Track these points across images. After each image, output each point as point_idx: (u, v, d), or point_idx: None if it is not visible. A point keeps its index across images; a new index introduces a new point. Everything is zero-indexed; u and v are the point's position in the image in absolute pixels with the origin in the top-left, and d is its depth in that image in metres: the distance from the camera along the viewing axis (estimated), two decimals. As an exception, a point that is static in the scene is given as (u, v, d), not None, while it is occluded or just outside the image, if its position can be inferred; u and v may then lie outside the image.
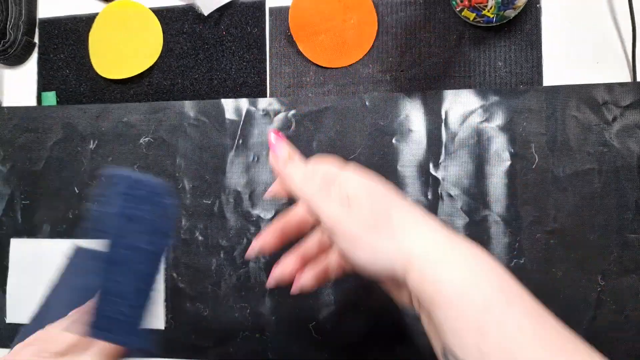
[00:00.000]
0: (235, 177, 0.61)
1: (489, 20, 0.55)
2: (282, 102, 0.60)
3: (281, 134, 0.42)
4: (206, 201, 0.61)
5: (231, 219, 0.60)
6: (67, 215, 0.64)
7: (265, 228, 0.45)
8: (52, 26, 0.68)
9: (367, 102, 0.59)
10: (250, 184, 0.61)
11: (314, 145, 0.59)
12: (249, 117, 0.61)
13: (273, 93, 0.62)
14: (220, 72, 0.64)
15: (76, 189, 0.64)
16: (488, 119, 0.56)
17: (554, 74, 0.57)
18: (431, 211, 0.57)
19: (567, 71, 0.57)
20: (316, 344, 0.57)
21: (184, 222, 0.61)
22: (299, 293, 0.40)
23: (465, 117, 0.57)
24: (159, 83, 0.65)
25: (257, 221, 0.60)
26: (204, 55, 0.64)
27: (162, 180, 0.43)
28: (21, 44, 0.66)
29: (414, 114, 0.58)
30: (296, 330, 0.58)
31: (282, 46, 0.63)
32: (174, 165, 0.62)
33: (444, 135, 0.57)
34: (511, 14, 0.55)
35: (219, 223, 0.61)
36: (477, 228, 0.56)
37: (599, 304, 0.53)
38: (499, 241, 0.55)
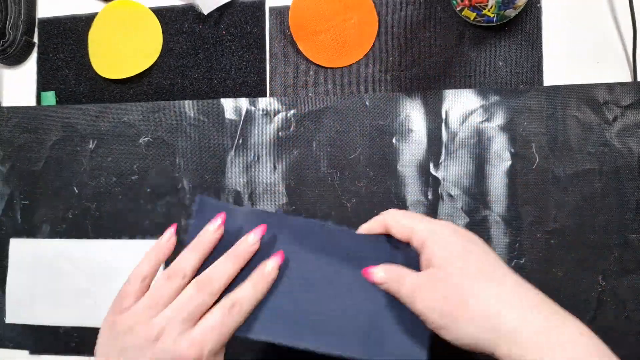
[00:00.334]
0: (235, 177, 0.61)
1: (490, 19, 0.55)
2: (282, 101, 0.60)
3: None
4: (206, 201, 0.61)
5: (231, 219, 0.60)
6: (66, 215, 0.64)
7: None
8: (52, 26, 0.68)
9: (367, 102, 0.59)
10: (250, 183, 0.60)
11: (314, 145, 0.59)
12: (249, 116, 0.61)
13: (273, 93, 0.62)
14: (220, 72, 0.64)
15: (76, 188, 0.64)
16: (488, 118, 0.56)
17: (554, 74, 0.57)
18: (431, 211, 0.57)
19: (567, 71, 0.57)
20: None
21: (183, 222, 0.61)
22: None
23: (466, 117, 0.57)
24: (158, 83, 0.65)
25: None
26: (203, 54, 0.64)
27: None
28: (20, 43, 0.66)
29: (414, 114, 0.58)
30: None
31: (282, 46, 0.62)
32: (173, 165, 0.62)
33: (444, 135, 0.57)
34: (511, 13, 0.55)
35: (219, 223, 0.61)
36: (477, 228, 0.56)
37: (600, 304, 0.53)
38: (499, 241, 0.55)
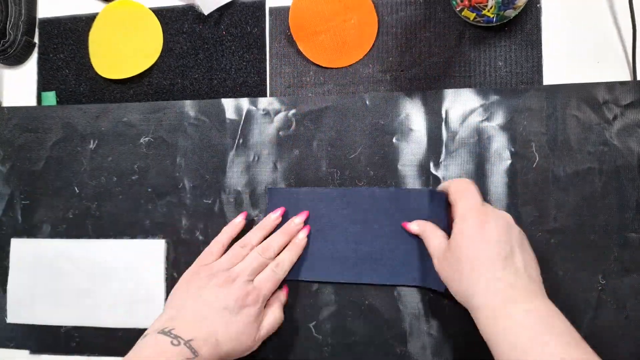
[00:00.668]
0: (235, 176, 0.61)
1: (489, 20, 0.55)
2: (283, 101, 0.60)
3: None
4: (206, 201, 0.61)
5: (231, 218, 0.60)
6: (67, 215, 0.64)
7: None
8: (52, 26, 0.68)
9: (367, 102, 0.59)
10: (251, 183, 0.60)
11: (315, 145, 0.59)
12: (249, 116, 0.61)
13: (273, 93, 0.62)
14: (220, 72, 0.64)
15: (76, 188, 0.64)
16: (488, 118, 0.56)
17: (554, 74, 0.57)
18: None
19: (567, 71, 0.57)
20: (317, 343, 0.57)
21: (184, 221, 0.61)
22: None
23: (466, 116, 0.57)
24: (158, 83, 0.65)
25: (257, 220, 0.60)
26: (203, 55, 0.64)
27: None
28: (21, 43, 0.66)
29: (414, 113, 0.58)
30: (296, 329, 0.58)
31: (282, 46, 0.63)
32: (174, 164, 0.62)
33: (444, 135, 0.57)
34: (511, 13, 0.55)
35: (220, 223, 0.61)
36: (477, 227, 0.56)
37: (600, 303, 0.53)
38: (499, 241, 0.55)
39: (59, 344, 0.63)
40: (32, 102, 0.68)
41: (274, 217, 0.57)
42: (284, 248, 0.56)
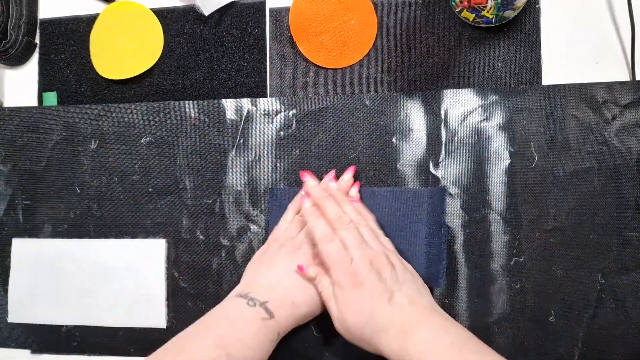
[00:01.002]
0: (236, 176, 0.61)
1: (489, 20, 0.56)
2: (283, 101, 0.61)
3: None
4: (207, 200, 0.61)
5: (232, 218, 0.61)
6: (68, 215, 0.64)
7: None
8: (53, 27, 0.68)
9: (367, 102, 0.59)
10: (251, 183, 0.61)
11: (315, 145, 0.60)
12: (250, 117, 0.61)
13: (273, 94, 0.63)
14: (220, 73, 0.64)
15: (77, 188, 0.64)
16: (488, 118, 0.56)
17: (553, 75, 0.57)
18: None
19: (566, 71, 0.57)
20: (317, 341, 0.58)
21: (184, 221, 0.62)
22: None
23: (465, 116, 0.57)
24: (159, 83, 0.65)
25: (257, 220, 0.60)
26: (204, 55, 0.64)
27: None
28: (22, 44, 0.66)
29: (413, 113, 0.58)
30: (297, 328, 0.58)
31: (283, 47, 0.63)
32: (174, 165, 0.62)
33: (443, 135, 0.57)
34: (510, 14, 0.55)
35: (220, 222, 0.61)
36: (477, 227, 0.56)
37: (599, 302, 0.53)
38: (498, 240, 0.55)
39: (60, 343, 0.63)
40: (34, 103, 0.68)
41: (327, 179, 0.57)
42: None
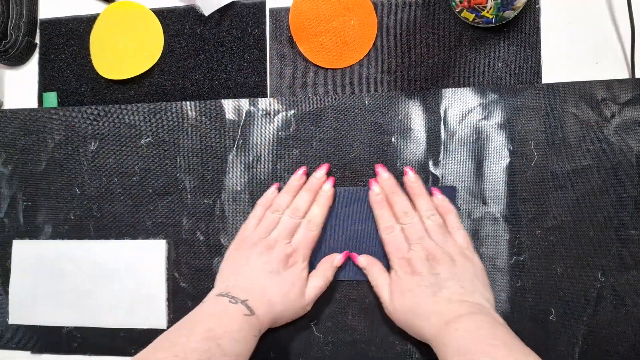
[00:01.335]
0: (236, 176, 0.61)
1: (488, 21, 0.56)
2: (282, 102, 0.61)
3: None
4: (207, 201, 0.61)
5: (232, 218, 0.61)
6: (68, 216, 0.64)
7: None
8: (53, 27, 0.68)
9: (366, 101, 0.59)
10: (251, 183, 0.61)
11: (314, 145, 0.60)
12: (250, 117, 0.61)
13: (273, 94, 0.63)
14: (220, 73, 0.64)
15: (77, 189, 0.64)
16: (487, 116, 0.57)
17: (553, 74, 0.57)
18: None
19: (566, 71, 0.57)
20: (317, 342, 0.58)
21: (185, 222, 0.62)
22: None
23: (464, 115, 0.57)
24: (159, 83, 0.65)
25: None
26: (204, 56, 0.64)
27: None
28: (22, 44, 0.66)
29: (413, 113, 0.58)
30: (297, 328, 0.58)
31: (283, 47, 0.63)
32: (174, 165, 0.62)
33: (443, 134, 0.57)
34: (510, 14, 0.55)
35: (220, 223, 0.61)
36: (476, 225, 0.56)
37: (599, 300, 0.53)
38: (498, 238, 0.55)
39: (61, 344, 0.63)
40: (34, 103, 0.68)
41: (297, 176, 0.59)
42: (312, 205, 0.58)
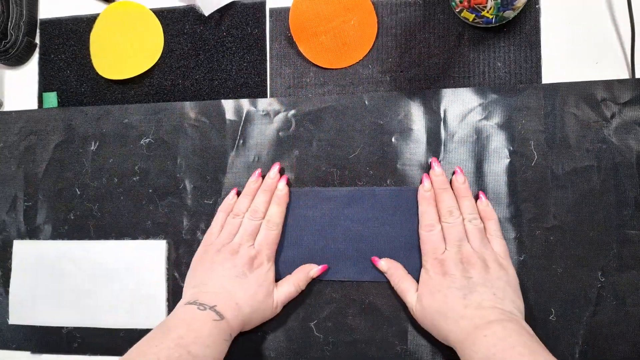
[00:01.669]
0: (236, 177, 0.61)
1: (488, 21, 0.56)
2: (282, 102, 0.61)
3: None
4: (207, 201, 0.61)
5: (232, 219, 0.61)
6: (68, 216, 0.64)
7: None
8: (53, 27, 0.68)
9: (366, 102, 0.59)
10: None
11: (314, 145, 0.60)
12: (249, 117, 0.61)
13: (273, 94, 0.63)
14: (220, 73, 0.64)
15: (78, 190, 0.64)
16: (487, 117, 0.57)
17: (553, 75, 0.57)
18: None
19: (566, 71, 0.57)
20: (317, 342, 0.58)
21: (185, 222, 0.62)
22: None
23: (464, 115, 0.57)
24: (159, 83, 0.65)
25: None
26: (204, 56, 0.64)
27: None
28: (22, 44, 0.66)
29: (413, 113, 0.58)
30: (297, 328, 0.58)
31: (283, 47, 0.63)
32: (174, 165, 0.62)
33: (443, 134, 0.57)
34: (510, 14, 0.55)
35: (221, 223, 0.61)
36: (477, 226, 0.56)
37: (599, 300, 0.53)
38: (499, 238, 0.55)
39: (61, 344, 0.63)
40: (34, 103, 0.68)
41: (254, 179, 0.60)
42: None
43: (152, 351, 0.46)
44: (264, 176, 0.60)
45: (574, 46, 0.57)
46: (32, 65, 0.69)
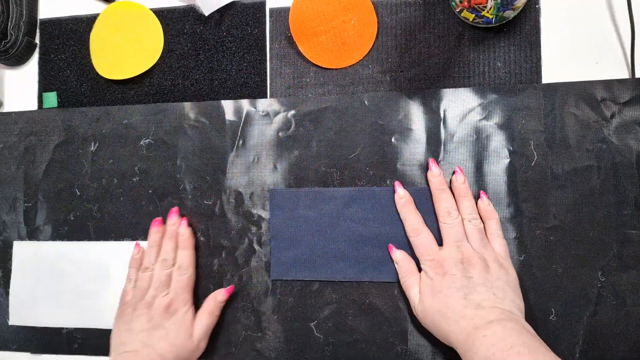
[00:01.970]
0: (235, 177, 0.61)
1: (488, 21, 0.56)
2: (282, 102, 0.61)
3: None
4: (207, 202, 0.61)
5: (232, 219, 0.61)
6: (68, 217, 0.64)
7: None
8: (53, 27, 0.68)
9: (366, 102, 0.59)
10: (251, 184, 0.61)
11: (314, 145, 0.60)
12: (249, 118, 0.61)
13: (273, 94, 0.63)
14: (220, 73, 0.64)
15: (77, 190, 0.64)
16: (487, 116, 0.57)
17: (553, 75, 0.57)
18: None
19: (566, 71, 0.57)
20: (317, 342, 0.58)
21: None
22: None
23: (464, 115, 0.57)
24: (159, 83, 0.65)
25: (258, 221, 0.60)
26: (204, 56, 0.64)
27: None
28: (22, 44, 0.66)
29: (413, 113, 0.58)
30: (298, 329, 0.58)
31: (283, 47, 0.63)
32: (174, 166, 0.62)
33: (443, 134, 0.57)
34: (510, 14, 0.55)
35: (220, 223, 0.61)
36: (477, 226, 0.56)
37: (599, 299, 0.53)
38: (499, 238, 0.55)
39: (61, 345, 0.63)
40: (34, 103, 0.68)
41: (155, 229, 0.61)
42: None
43: None
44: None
45: (573, 46, 0.57)
46: (32, 65, 0.69)
